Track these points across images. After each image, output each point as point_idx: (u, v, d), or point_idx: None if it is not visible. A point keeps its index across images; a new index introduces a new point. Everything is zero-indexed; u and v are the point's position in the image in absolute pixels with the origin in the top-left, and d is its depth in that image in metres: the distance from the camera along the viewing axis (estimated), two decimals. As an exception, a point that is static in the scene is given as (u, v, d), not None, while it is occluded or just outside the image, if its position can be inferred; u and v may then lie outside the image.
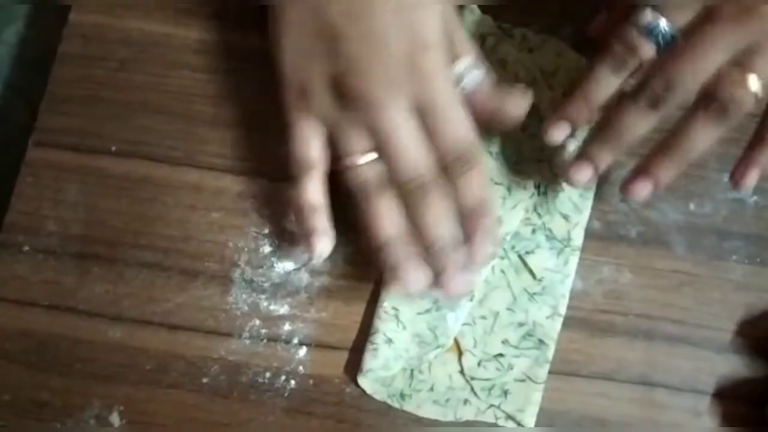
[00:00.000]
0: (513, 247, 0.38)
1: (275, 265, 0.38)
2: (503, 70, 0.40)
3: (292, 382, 0.37)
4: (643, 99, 0.32)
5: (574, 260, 0.38)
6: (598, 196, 0.39)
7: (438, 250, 0.33)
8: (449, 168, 0.33)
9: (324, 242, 0.34)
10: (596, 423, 0.37)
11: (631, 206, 0.39)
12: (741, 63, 0.30)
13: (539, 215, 0.38)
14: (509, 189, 0.38)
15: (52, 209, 0.39)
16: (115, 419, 0.37)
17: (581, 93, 0.33)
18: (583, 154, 0.34)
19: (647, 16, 0.31)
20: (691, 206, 0.39)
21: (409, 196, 0.33)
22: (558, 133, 0.34)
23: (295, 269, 0.38)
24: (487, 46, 0.40)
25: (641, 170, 0.33)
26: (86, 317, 0.38)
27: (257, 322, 0.38)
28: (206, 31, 0.42)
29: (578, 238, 0.38)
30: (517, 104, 0.34)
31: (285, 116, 0.35)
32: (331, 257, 0.38)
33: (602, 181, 0.39)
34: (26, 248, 0.39)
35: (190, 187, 0.39)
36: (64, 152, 0.40)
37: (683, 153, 0.32)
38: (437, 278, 0.33)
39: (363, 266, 0.38)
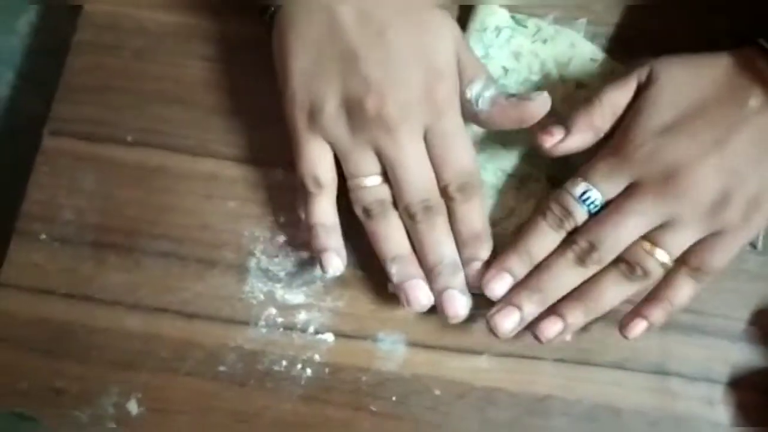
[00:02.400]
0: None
1: (291, 254, 0.39)
2: (517, 63, 0.40)
3: (308, 370, 0.37)
4: (569, 253, 0.34)
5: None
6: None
7: (440, 271, 0.35)
8: (451, 195, 0.35)
9: (336, 261, 0.35)
10: (610, 412, 0.37)
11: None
12: (653, 237, 0.34)
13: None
14: (521, 180, 0.39)
15: (67, 198, 0.39)
16: (132, 406, 0.37)
17: (523, 245, 0.35)
18: (509, 301, 0.35)
19: (581, 186, 0.34)
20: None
21: (414, 218, 0.35)
22: (500, 285, 0.35)
23: (310, 258, 0.39)
24: (502, 39, 0.40)
25: (552, 310, 0.35)
26: (103, 305, 0.38)
27: (273, 310, 0.38)
28: (222, 21, 0.42)
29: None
30: (538, 108, 0.35)
31: (293, 134, 0.35)
32: (346, 245, 0.38)
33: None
34: (43, 236, 0.39)
35: (206, 177, 0.40)
36: (79, 141, 0.40)
37: (593, 303, 0.34)
38: (438, 297, 0.35)
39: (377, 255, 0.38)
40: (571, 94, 0.39)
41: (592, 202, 0.34)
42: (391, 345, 0.38)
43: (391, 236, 0.35)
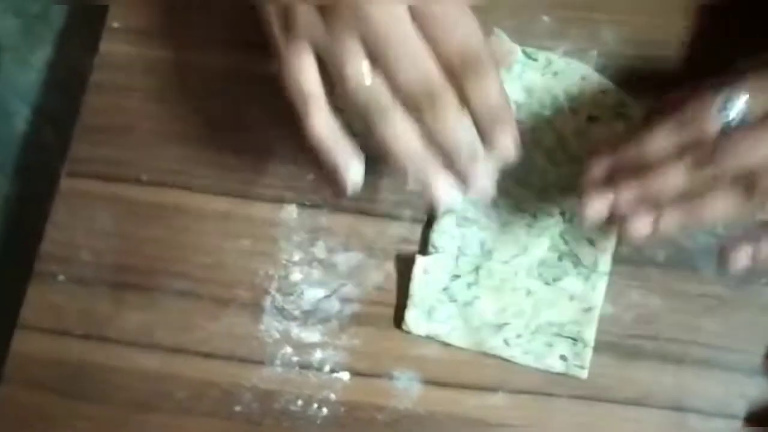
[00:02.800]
0: (540, 275, 0.38)
1: (305, 292, 0.39)
2: (529, 98, 0.40)
3: (324, 409, 0.37)
4: (689, 157, 0.31)
5: (602, 286, 0.38)
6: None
7: (458, 155, 0.30)
8: (458, 75, 0.30)
9: (354, 168, 0.31)
10: (628, 449, 0.37)
11: (659, 230, 0.39)
12: None
13: (565, 242, 0.38)
14: (535, 216, 0.39)
15: (85, 238, 0.40)
16: (150, 448, 0.37)
17: (635, 141, 0.32)
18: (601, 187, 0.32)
19: (725, 94, 0.31)
20: (720, 229, 0.39)
21: (417, 108, 0.30)
22: (596, 205, 0.32)
23: (325, 296, 0.39)
24: (513, 74, 0.40)
25: (650, 208, 0.32)
26: (120, 346, 0.38)
27: (289, 349, 0.38)
28: (234, 59, 0.42)
29: (606, 263, 0.38)
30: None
31: (271, 49, 0.31)
32: (360, 284, 0.39)
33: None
34: (61, 278, 0.39)
35: (220, 216, 0.40)
36: (96, 182, 0.41)
37: (696, 211, 0.31)
38: (464, 182, 0.31)
39: (393, 292, 0.39)
40: (582, 128, 0.40)
41: (735, 117, 0.30)
42: (406, 382, 0.38)
43: (398, 136, 0.30)
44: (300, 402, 0.37)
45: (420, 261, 0.39)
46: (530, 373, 0.38)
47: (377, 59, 0.30)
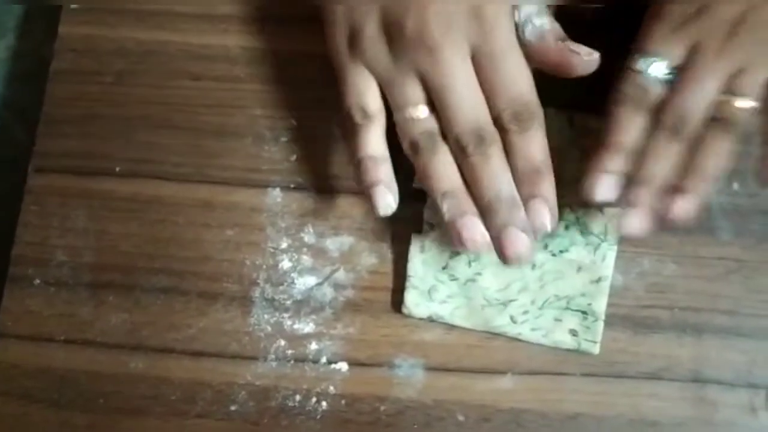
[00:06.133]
0: (545, 246, 0.36)
1: (296, 281, 0.37)
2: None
3: (324, 403, 0.35)
4: (662, 133, 0.32)
5: (611, 255, 0.35)
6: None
7: (497, 207, 0.31)
8: (506, 125, 0.31)
9: (388, 196, 0.32)
10: (648, 426, 0.35)
11: (670, 191, 0.37)
12: (733, 88, 0.32)
13: (572, 209, 0.36)
14: None
15: (60, 238, 0.37)
16: (144, 454, 0.35)
17: (612, 139, 0.32)
18: (628, 203, 0.32)
19: (643, 60, 0.32)
20: (735, 186, 0.37)
21: (465, 151, 0.31)
22: (605, 188, 0.32)
23: (317, 284, 0.37)
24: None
25: (675, 189, 0.32)
26: (105, 349, 0.36)
27: (282, 342, 0.36)
28: (205, 36, 0.39)
29: (616, 231, 0.35)
30: (584, 64, 0.32)
31: (336, 65, 0.33)
32: (353, 269, 0.37)
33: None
34: (37, 281, 0.37)
35: (201, 205, 0.38)
36: (67, 176, 0.38)
37: (706, 168, 0.32)
38: (496, 238, 0.31)
39: (388, 275, 0.36)
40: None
41: (662, 72, 0.31)
42: (408, 370, 0.36)
43: (441, 171, 0.32)
44: (298, 397, 0.36)
45: (416, 240, 0.36)
46: (540, 351, 0.36)
47: (436, 100, 0.32)
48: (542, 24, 0.32)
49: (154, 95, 0.39)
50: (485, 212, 0.31)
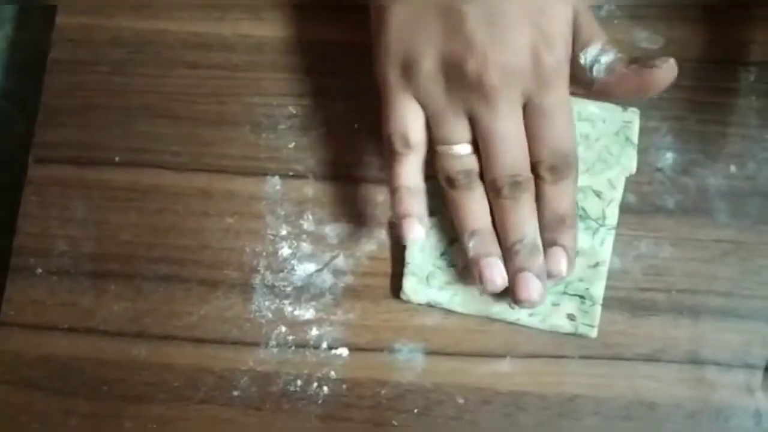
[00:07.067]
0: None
1: (296, 267, 0.37)
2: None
3: (325, 388, 0.36)
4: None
5: (610, 240, 0.36)
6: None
7: (519, 250, 0.32)
8: (542, 174, 0.32)
9: (418, 228, 0.33)
10: (644, 407, 0.35)
11: (667, 174, 0.37)
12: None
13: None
14: None
15: (60, 228, 0.38)
16: (148, 440, 0.36)
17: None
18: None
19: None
20: (732, 168, 0.37)
21: (499, 193, 0.32)
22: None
23: (317, 270, 0.37)
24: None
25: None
26: (108, 337, 0.37)
27: (283, 328, 0.36)
28: (201, 23, 0.39)
29: (613, 216, 0.36)
30: (665, 75, 0.32)
31: (383, 90, 0.33)
32: (352, 255, 0.37)
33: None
34: (39, 271, 0.37)
35: (200, 193, 0.38)
36: (66, 167, 0.38)
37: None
38: (512, 279, 0.33)
39: (387, 261, 0.37)
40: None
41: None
42: (408, 354, 0.36)
43: (473, 209, 0.33)
44: (299, 382, 0.36)
45: None
46: (538, 335, 0.36)
47: (482, 142, 0.32)
48: (609, 59, 0.32)
49: (151, 85, 0.39)
50: (507, 253, 0.33)
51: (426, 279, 0.36)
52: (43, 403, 0.36)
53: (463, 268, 0.35)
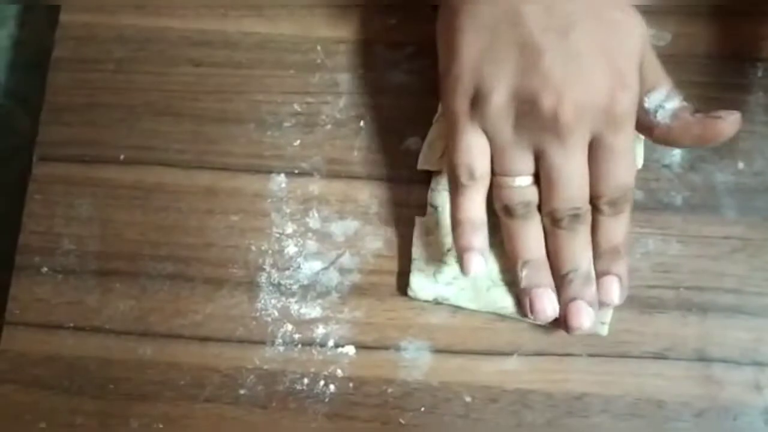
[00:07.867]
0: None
1: (302, 265, 0.37)
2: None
3: (332, 386, 0.36)
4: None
5: (618, 236, 0.35)
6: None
7: (572, 279, 0.33)
8: (601, 207, 0.33)
9: (479, 262, 0.33)
10: (652, 405, 0.35)
11: (674, 171, 0.37)
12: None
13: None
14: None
15: (65, 226, 0.38)
16: (154, 438, 0.36)
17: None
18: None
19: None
20: (740, 165, 0.37)
21: (558, 224, 0.33)
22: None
23: (323, 268, 0.37)
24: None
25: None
26: (113, 336, 0.36)
27: (289, 327, 0.36)
28: (204, 21, 0.39)
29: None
30: (728, 127, 0.32)
31: (450, 119, 0.33)
32: (358, 253, 0.37)
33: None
34: (44, 269, 0.37)
35: (204, 191, 0.38)
36: (71, 165, 0.38)
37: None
38: (564, 307, 0.33)
39: (394, 259, 0.37)
40: None
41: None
42: (415, 353, 0.36)
43: (528, 239, 0.33)
44: (306, 381, 0.36)
45: (420, 222, 0.36)
46: (545, 332, 0.36)
47: (545, 175, 0.32)
48: (675, 106, 0.32)
49: (155, 82, 0.39)
50: (561, 281, 0.33)
51: (433, 275, 0.36)
52: (48, 401, 0.36)
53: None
